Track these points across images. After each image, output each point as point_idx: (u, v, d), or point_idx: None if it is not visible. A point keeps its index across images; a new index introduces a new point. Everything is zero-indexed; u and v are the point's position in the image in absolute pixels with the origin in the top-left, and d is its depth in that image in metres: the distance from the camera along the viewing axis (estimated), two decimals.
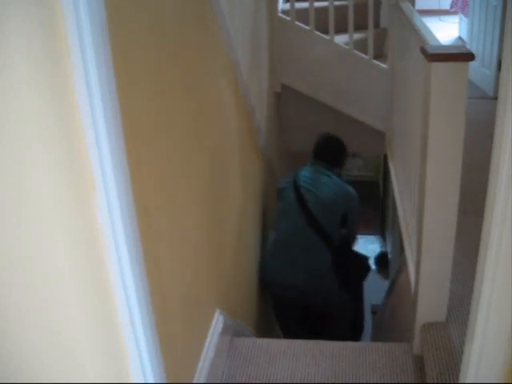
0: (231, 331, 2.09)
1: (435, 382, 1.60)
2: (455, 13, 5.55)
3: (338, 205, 2.85)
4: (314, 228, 2.80)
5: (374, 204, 5.77)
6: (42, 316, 0.84)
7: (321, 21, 3.50)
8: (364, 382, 1.85)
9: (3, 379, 0.78)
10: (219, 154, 2.07)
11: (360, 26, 3.57)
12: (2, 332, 0.77)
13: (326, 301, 2.88)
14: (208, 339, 1.81)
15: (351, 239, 3.15)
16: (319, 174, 2.94)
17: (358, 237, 3.31)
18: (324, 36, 3.52)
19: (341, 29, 3.51)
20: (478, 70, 3.95)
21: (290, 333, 3.04)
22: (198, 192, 1.74)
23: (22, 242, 0.78)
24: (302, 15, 3.53)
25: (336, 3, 3.42)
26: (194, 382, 1.60)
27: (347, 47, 3.49)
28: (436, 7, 5.89)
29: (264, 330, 2.96)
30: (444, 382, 1.58)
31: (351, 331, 3.09)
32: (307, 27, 3.50)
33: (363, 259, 3.11)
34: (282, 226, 2.96)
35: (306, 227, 2.80)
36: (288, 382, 1.87)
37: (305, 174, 2.98)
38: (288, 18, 3.54)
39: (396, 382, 1.83)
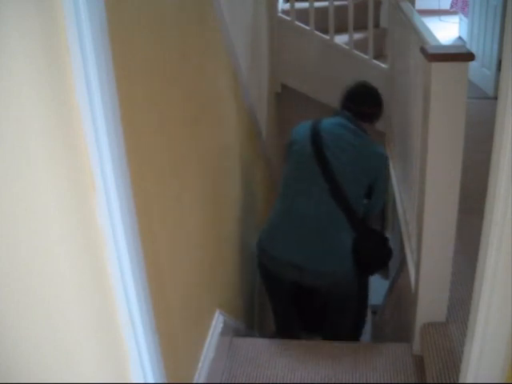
0: (231, 331, 2.09)
1: (435, 382, 1.60)
2: (455, 13, 5.56)
3: (365, 170, 2.23)
4: (338, 198, 2.17)
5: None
6: (42, 316, 0.84)
7: (321, 21, 3.50)
8: (364, 382, 1.85)
9: (3, 379, 0.78)
10: (219, 154, 2.08)
11: (360, 26, 3.57)
12: (2, 332, 0.77)
13: (337, 291, 2.30)
14: (208, 339, 1.81)
15: (374, 212, 2.49)
16: (344, 129, 2.28)
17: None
18: (324, 36, 3.52)
19: (341, 29, 3.51)
20: (478, 70, 3.95)
21: (283, 319, 2.56)
22: (199, 192, 1.74)
23: (21, 242, 0.77)
24: (302, 15, 3.53)
25: (336, 3, 3.42)
26: (194, 382, 1.60)
27: (347, 47, 3.49)
28: (436, 7, 5.90)
29: (264, 328, 2.96)
30: (444, 382, 1.58)
31: (355, 325, 2.57)
32: (307, 27, 3.50)
33: (386, 240, 2.41)
34: (291, 189, 2.27)
35: (327, 196, 2.16)
36: (288, 382, 1.87)
37: (326, 126, 2.30)
38: (288, 18, 3.54)
39: (396, 382, 1.83)
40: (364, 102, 2.39)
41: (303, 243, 2.16)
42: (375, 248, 2.28)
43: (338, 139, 2.24)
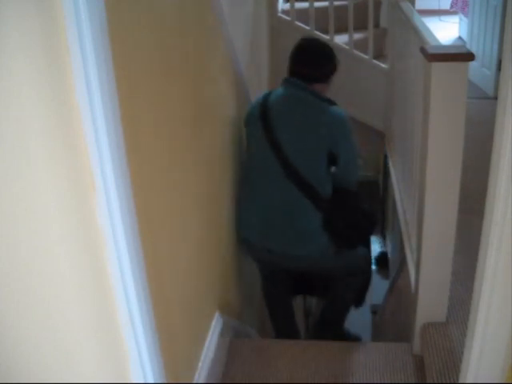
0: (231, 331, 2.09)
1: (435, 382, 1.60)
2: (455, 13, 5.56)
3: (320, 139, 2.04)
4: (295, 181, 2.05)
5: (374, 204, 5.77)
6: (42, 316, 0.84)
7: (321, 21, 3.50)
8: (364, 382, 1.85)
9: (3, 379, 0.78)
10: (220, 155, 2.07)
11: (360, 26, 3.57)
12: (2, 332, 0.77)
13: (316, 266, 2.25)
14: (208, 339, 1.81)
15: (351, 178, 2.23)
16: (292, 101, 2.11)
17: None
18: (324, 36, 3.52)
19: (341, 29, 3.51)
20: (478, 70, 3.95)
21: (272, 293, 2.54)
22: (199, 192, 1.74)
23: (21, 242, 0.77)
24: (302, 15, 3.53)
25: (336, 3, 3.42)
26: (194, 382, 1.60)
27: (347, 47, 3.49)
28: (436, 7, 5.90)
29: (265, 329, 2.96)
30: (444, 382, 1.58)
31: (357, 293, 2.44)
32: (307, 27, 3.50)
33: (366, 208, 2.27)
34: (252, 174, 2.20)
35: (284, 179, 2.06)
36: (288, 382, 1.87)
37: (274, 102, 2.14)
38: (288, 18, 3.54)
39: (396, 382, 1.83)
40: (309, 62, 2.13)
41: (272, 229, 2.12)
42: (348, 225, 2.15)
43: (287, 115, 2.10)
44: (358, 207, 2.23)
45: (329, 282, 2.40)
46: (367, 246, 2.41)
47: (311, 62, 2.14)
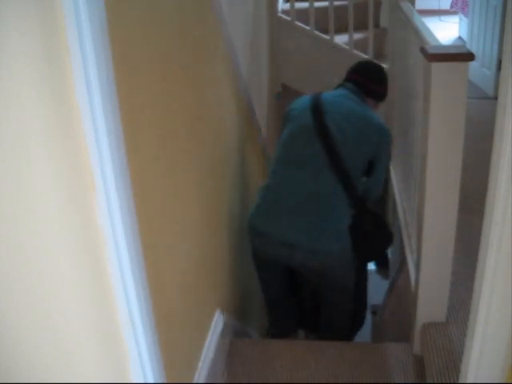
0: (231, 331, 2.09)
1: (435, 382, 1.60)
2: (455, 13, 5.56)
3: (368, 142, 2.07)
4: (338, 172, 2.02)
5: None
6: (42, 316, 0.84)
7: (321, 21, 3.50)
8: (364, 382, 1.85)
9: (3, 379, 0.78)
10: (220, 156, 2.08)
11: (360, 26, 3.57)
12: (2, 332, 0.77)
13: (333, 274, 2.12)
14: (208, 339, 1.81)
15: (375, 193, 2.25)
16: (347, 99, 2.15)
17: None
18: (324, 36, 3.52)
19: (341, 29, 3.51)
20: (478, 70, 3.95)
21: (276, 311, 2.42)
22: (199, 192, 1.74)
23: (21, 242, 0.77)
24: (302, 15, 3.53)
25: (336, 3, 3.42)
26: (194, 382, 1.60)
27: (347, 47, 3.49)
28: (436, 7, 5.89)
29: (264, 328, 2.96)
30: (444, 382, 1.58)
31: (351, 321, 2.38)
32: (307, 27, 3.50)
33: (386, 224, 2.24)
34: (287, 162, 2.12)
35: (327, 169, 2.01)
36: (288, 382, 1.87)
37: (328, 96, 2.16)
38: (288, 18, 3.54)
39: (396, 382, 1.83)
40: (370, 75, 2.24)
41: (297, 218, 2.03)
42: (374, 230, 2.13)
43: (341, 108, 2.10)
44: (382, 219, 2.21)
45: (320, 311, 2.33)
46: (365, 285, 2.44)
47: (375, 76, 2.27)
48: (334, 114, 2.07)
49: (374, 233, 2.13)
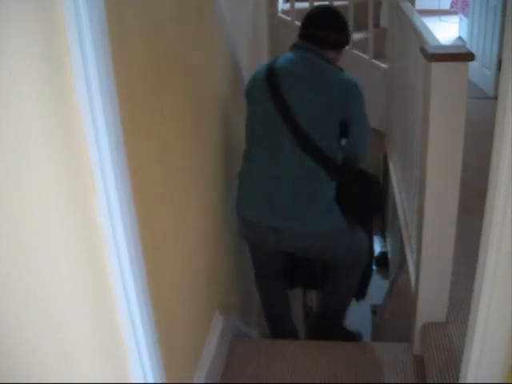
0: (231, 331, 2.09)
1: (435, 382, 1.60)
2: (455, 13, 5.56)
3: (334, 103, 1.90)
4: (307, 148, 1.89)
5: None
6: (42, 316, 0.84)
7: None
8: (364, 382, 1.85)
9: (3, 379, 0.78)
10: (221, 157, 2.07)
11: (360, 26, 3.57)
12: (3, 332, 0.77)
13: (326, 245, 2.06)
14: (208, 339, 1.81)
15: (359, 156, 2.10)
16: (303, 63, 1.96)
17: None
18: None
19: None
20: (478, 70, 3.95)
21: (271, 301, 2.39)
22: (199, 191, 1.74)
23: (22, 242, 0.78)
24: (302, 15, 3.52)
25: (336, 3, 3.42)
26: (194, 382, 1.60)
27: (347, 47, 3.48)
28: (436, 7, 5.89)
29: (265, 327, 2.96)
30: (444, 382, 1.58)
31: (360, 283, 2.31)
32: None
33: (375, 179, 2.13)
34: (256, 145, 2.01)
35: (295, 148, 1.90)
36: (288, 382, 1.87)
37: (282, 65, 1.96)
38: (288, 18, 3.54)
39: (396, 382, 1.83)
40: (326, 26, 2.00)
41: (279, 203, 1.94)
42: (361, 191, 2.03)
43: (298, 77, 1.93)
44: (367, 176, 2.09)
45: (329, 271, 2.26)
46: (370, 238, 2.29)
47: (328, 25, 2.01)
48: (290, 83, 1.90)
49: (362, 194, 2.04)
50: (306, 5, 3.50)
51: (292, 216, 1.95)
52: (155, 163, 1.30)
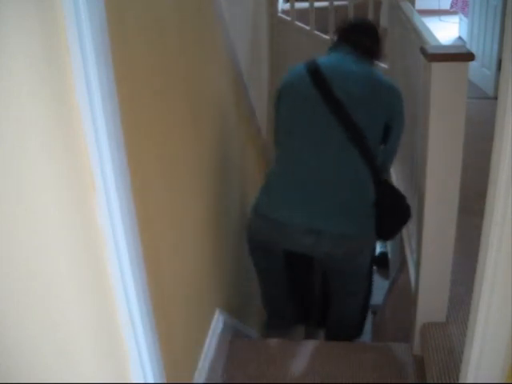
0: (231, 331, 2.09)
1: (435, 382, 1.60)
2: (455, 13, 5.56)
3: (381, 104, 1.83)
4: (358, 144, 1.78)
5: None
6: (42, 316, 0.84)
7: (321, 21, 3.50)
8: (364, 382, 1.85)
9: (3, 379, 0.78)
10: (220, 155, 2.07)
11: None
12: (2, 332, 0.77)
13: (353, 262, 1.94)
14: (208, 339, 1.81)
15: (390, 163, 2.05)
16: (347, 61, 1.88)
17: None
18: (324, 36, 3.52)
19: None
20: (477, 70, 3.95)
21: (277, 305, 2.21)
22: (199, 191, 1.74)
23: (22, 242, 0.77)
24: (302, 15, 3.53)
25: (336, 3, 3.43)
26: (194, 382, 1.60)
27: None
28: (436, 7, 5.90)
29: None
30: (444, 382, 1.58)
31: (362, 311, 2.20)
32: (307, 27, 3.50)
33: (403, 196, 2.00)
34: (294, 141, 1.86)
35: (345, 143, 1.78)
36: (288, 382, 1.87)
37: (325, 61, 1.88)
38: (288, 18, 3.54)
39: (396, 382, 1.83)
40: (365, 33, 1.98)
41: (320, 202, 1.80)
42: (395, 204, 1.93)
43: (343, 71, 1.83)
44: (400, 194, 1.98)
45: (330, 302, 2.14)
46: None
47: (372, 35, 2.00)
48: (338, 79, 1.80)
49: (396, 205, 1.94)
50: (305, 5, 3.50)
51: (335, 216, 1.81)
52: (155, 163, 1.30)
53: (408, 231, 2.27)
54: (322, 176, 1.81)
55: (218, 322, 1.92)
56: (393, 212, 1.92)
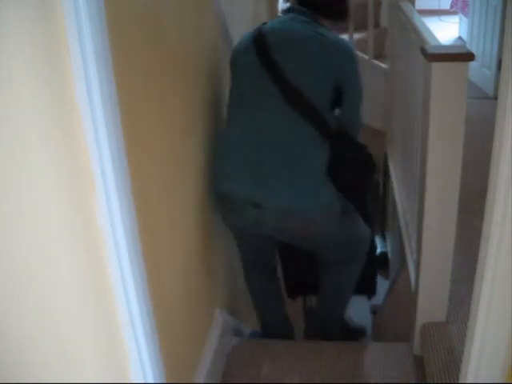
0: (231, 331, 2.09)
1: (435, 382, 1.60)
2: (455, 13, 5.56)
3: (327, 64, 1.73)
4: (295, 102, 1.68)
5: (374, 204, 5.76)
6: (42, 316, 0.84)
7: None
8: (364, 382, 1.85)
9: (3, 379, 0.78)
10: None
11: (360, 26, 3.57)
12: (3, 332, 0.77)
13: (316, 229, 1.79)
14: (208, 339, 1.81)
15: (354, 126, 1.92)
16: (295, 23, 1.80)
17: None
18: None
19: (341, 29, 3.51)
20: (477, 70, 3.95)
21: (260, 291, 2.18)
22: (199, 191, 1.74)
23: (22, 242, 0.78)
24: None
25: None
26: (194, 382, 1.60)
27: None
28: (436, 7, 5.89)
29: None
30: (444, 382, 1.58)
31: (365, 273, 2.08)
32: None
33: (365, 150, 1.93)
34: (239, 110, 1.80)
35: (286, 108, 1.68)
36: (288, 382, 1.87)
37: (271, 26, 1.82)
38: None
39: (396, 382, 1.83)
40: None
41: (264, 173, 1.69)
42: (354, 156, 1.85)
43: (288, 35, 1.76)
44: (360, 148, 1.91)
45: (323, 267, 2.03)
46: (368, 224, 2.03)
47: None
48: (282, 45, 1.74)
49: (355, 157, 1.86)
50: None
51: (276, 187, 1.68)
52: (155, 163, 1.30)
53: (408, 231, 2.27)
54: (262, 141, 1.70)
55: (218, 321, 1.92)
56: (354, 166, 1.84)
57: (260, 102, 1.74)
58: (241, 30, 2.51)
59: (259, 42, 1.76)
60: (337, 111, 1.87)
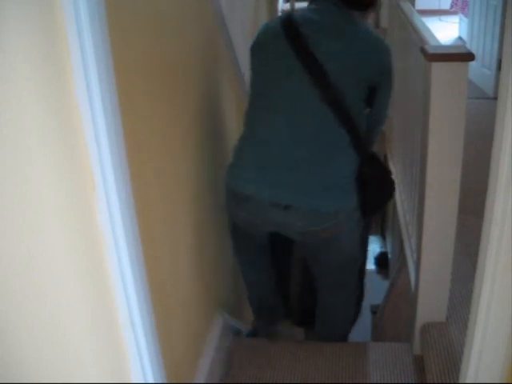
0: (232, 331, 2.09)
1: (435, 382, 1.60)
2: (455, 13, 5.56)
3: (366, 63, 1.62)
4: (334, 107, 1.57)
5: None
6: (42, 316, 0.84)
7: None
8: (364, 382, 1.85)
9: (3, 379, 0.78)
10: (219, 157, 2.08)
11: None
12: (3, 332, 0.77)
13: (336, 243, 1.73)
14: (208, 339, 1.81)
15: (378, 130, 1.86)
16: (327, 15, 1.64)
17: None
18: None
19: None
20: (478, 70, 3.95)
21: (260, 293, 2.11)
22: (200, 192, 1.74)
23: (22, 242, 0.78)
24: None
25: None
26: (194, 382, 1.60)
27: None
28: (436, 7, 5.90)
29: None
30: (444, 382, 1.58)
31: (355, 301, 2.05)
32: None
33: (390, 174, 1.86)
34: (264, 104, 1.67)
35: (320, 107, 1.57)
36: (288, 382, 1.87)
37: (302, 14, 1.67)
38: None
39: (396, 382, 1.83)
40: None
41: (292, 173, 1.60)
42: (380, 174, 1.76)
43: (323, 26, 1.61)
44: (388, 172, 1.83)
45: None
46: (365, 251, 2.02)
47: None
48: (315, 33, 1.59)
49: (381, 177, 1.77)
50: (305, 5, 3.49)
51: (308, 190, 1.61)
52: (155, 163, 1.30)
53: (408, 231, 2.27)
54: (293, 142, 1.61)
55: (218, 321, 1.92)
56: (378, 187, 1.75)
57: (294, 101, 1.61)
58: (241, 30, 2.51)
59: (291, 31, 1.60)
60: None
